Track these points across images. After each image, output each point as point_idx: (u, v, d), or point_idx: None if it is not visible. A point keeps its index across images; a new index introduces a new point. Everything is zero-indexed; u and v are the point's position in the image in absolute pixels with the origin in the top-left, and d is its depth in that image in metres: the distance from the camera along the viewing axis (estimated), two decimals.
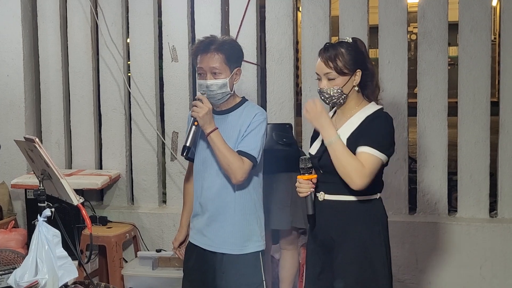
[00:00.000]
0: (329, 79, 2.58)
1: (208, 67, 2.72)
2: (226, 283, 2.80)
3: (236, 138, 2.76)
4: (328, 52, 2.58)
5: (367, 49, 2.69)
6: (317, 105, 2.57)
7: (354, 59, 2.57)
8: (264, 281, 2.83)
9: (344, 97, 2.60)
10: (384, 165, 2.59)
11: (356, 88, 2.60)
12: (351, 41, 2.63)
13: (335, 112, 2.75)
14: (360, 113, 2.61)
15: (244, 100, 2.87)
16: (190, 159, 2.97)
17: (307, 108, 2.57)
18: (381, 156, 2.52)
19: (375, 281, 2.56)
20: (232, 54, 2.76)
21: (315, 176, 2.61)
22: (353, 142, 2.54)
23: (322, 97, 2.63)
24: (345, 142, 2.55)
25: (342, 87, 2.58)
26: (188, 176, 3.07)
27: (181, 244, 3.07)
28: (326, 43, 2.66)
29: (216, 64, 2.71)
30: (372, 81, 2.64)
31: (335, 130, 2.54)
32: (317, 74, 2.63)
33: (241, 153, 2.72)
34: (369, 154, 2.50)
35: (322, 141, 2.65)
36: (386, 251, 2.61)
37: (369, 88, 2.65)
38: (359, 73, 2.59)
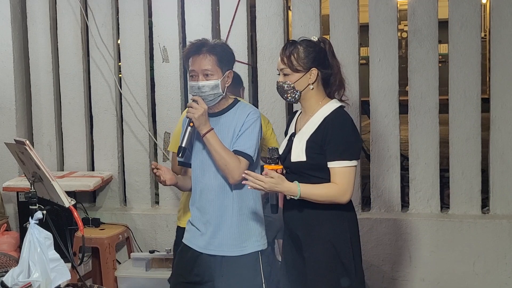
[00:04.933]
0: (284, 75, 2.65)
1: (200, 69, 2.71)
2: (226, 286, 2.77)
3: (230, 139, 2.75)
4: (286, 49, 2.64)
5: (332, 48, 2.70)
6: (270, 177, 2.52)
7: (310, 57, 2.61)
8: (263, 284, 2.80)
9: (297, 93, 2.64)
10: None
11: (311, 87, 2.63)
12: (316, 40, 2.67)
13: (300, 112, 2.78)
14: (319, 112, 2.64)
15: (236, 100, 2.86)
16: (185, 164, 2.94)
17: (265, 180, 2.52)
18: (354, 163, 2.57)
19: (344, 277, 2.59)
20: (224, 56, 2.76)
21: (281, 167, 2.63)
22: (313, 144, 2.58)
23: (278, 91, 2.70)
24: (304, 144, 2.60)
25: (294, 83, 2.62)
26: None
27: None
28: (289, 40, 2.70)
29: (208, 66, 2.71)
30: (335, 80, 2.67)
31: (293, 184, 2.53)
32: (277, 69, 2.70)
33: (237, 152, 2.71)
34: (342, 168, 2.54)
35: (288, 141, 2.71)
36: (353, 247, 2.63)
37: (331, 87, 2.68)
38: (314, 72, 2.62)
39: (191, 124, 2.68)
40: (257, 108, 4.50)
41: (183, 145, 2.69)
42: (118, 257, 4.56)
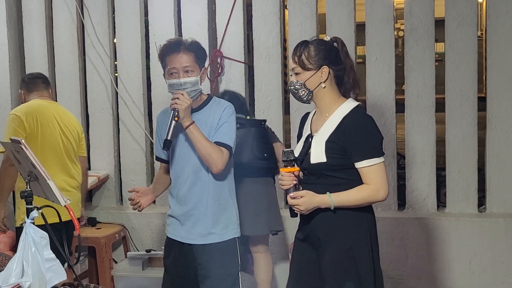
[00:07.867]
0: (296, 74, 2.63)
1: (181, 66, 2.80)
2: (206, 273, 2.88)
3: (208, 134, 2.84)
4: (298, 48, 2.63)
5: (345, 47, 2.68)
6: (302, 197, 2.52)
7: (320, 55, 2.58)
8: (239, 272, 2.94)
9: (308, 92, 2.60)
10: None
11: (323, 85, 2.60)
12: (328, 39, 2.66)
13: (315, 113, 2.74)
14: (337, 112, 2.60)
15: (210, 97, 2.97)
16: (163, 160, 3.07)
17: (299, 203, 2.52)
18: (382, 159, 2.55)
19: (361, 278, 2.56)
20: (200, 54, 2.88)
21: (298, 169, 2.61)
22: (333, 145, 2.55)
23: (291, 92, 2.68)
24: (324, 145, 2.56)
25: (305, 82, 2.59)
26: (158, 175, 3.19)
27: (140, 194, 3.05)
28: (301, 41, 2.68)
29: (189, 63, 2.82)
30: (348, 78, 2.64)
31: (325, 196, 2.52)
32: (290, 70, 2.69)
33: (218, 143, 2.82)
34: (372, 167, 2.52)
35: (304, 143, 2.68)
36: (372, 248, 2.60)
37: (345, 85, 2.65)
38: (325, 70, 2.58)
39: (176, 118, 2.76)
40: (254, 107, 4.53)
41: (169, 138, 2.78)
42: (115, 256, 4.55)
